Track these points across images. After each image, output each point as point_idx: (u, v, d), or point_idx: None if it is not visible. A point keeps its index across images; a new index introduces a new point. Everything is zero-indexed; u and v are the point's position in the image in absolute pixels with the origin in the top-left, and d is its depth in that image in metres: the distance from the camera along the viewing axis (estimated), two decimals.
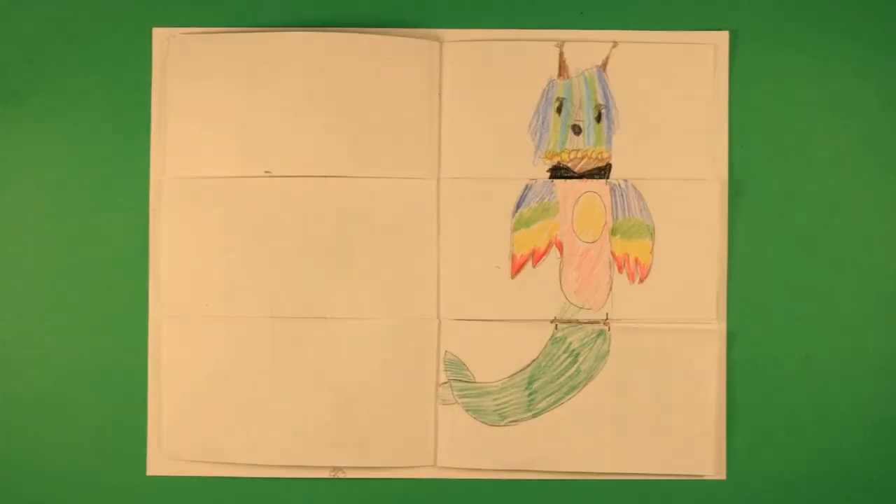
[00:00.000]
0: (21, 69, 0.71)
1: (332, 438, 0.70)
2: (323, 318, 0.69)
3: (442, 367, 0.70)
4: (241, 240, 0.69)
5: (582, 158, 0.71)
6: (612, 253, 0.70)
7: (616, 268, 0.70)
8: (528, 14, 0.71)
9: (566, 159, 0.71)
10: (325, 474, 0.71)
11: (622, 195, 0.70)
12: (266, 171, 0.69)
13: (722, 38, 0.71)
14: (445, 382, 0.70)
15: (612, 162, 0.71)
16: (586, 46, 0.70)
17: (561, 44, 0.69)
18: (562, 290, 0.70)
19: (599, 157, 0.70)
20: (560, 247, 0.70)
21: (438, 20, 0.71)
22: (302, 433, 0.70)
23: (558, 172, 0.71)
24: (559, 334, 0.70)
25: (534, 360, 0.70)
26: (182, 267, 0.70)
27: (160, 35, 0.71)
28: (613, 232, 0.70)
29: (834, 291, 0.71)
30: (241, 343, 0.70)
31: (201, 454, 0.70)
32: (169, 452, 0.70)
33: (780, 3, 0.72)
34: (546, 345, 0.70)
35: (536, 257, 0.70)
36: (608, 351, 0.70)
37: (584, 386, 0.70)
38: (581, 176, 0.71)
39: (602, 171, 0.71)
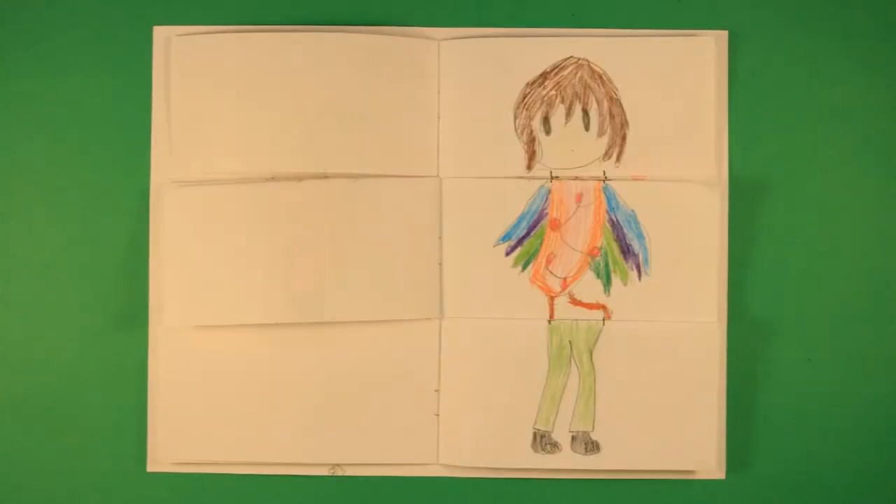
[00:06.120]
0: (20, 69, 0.71)
1: (334, 438, 0.70)
2: (325, 319, 0.69)
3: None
4: (241, 241, 0.69)
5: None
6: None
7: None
8: (524, 14, 0.71)
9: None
10: (325, 472, 0.71)
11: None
12: (272, 177, 0.69)
13: (722, 38, 0.71)
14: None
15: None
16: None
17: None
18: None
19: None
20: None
21: (436, 19, 0.71)
22: (303, 433, 0.69)
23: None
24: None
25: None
26: (182, 269, 0.69)
27: (161, 33, 0.71)
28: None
29: (835, 292, 0.71)
30: (242, 344, 0.70)
31: (202, 452, 0.70)
32: (169, 450, 0.70)
33: (780, 2, 0.72)
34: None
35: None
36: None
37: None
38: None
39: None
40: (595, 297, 0.70)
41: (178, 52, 0.70)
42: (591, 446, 0.70)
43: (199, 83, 0.70)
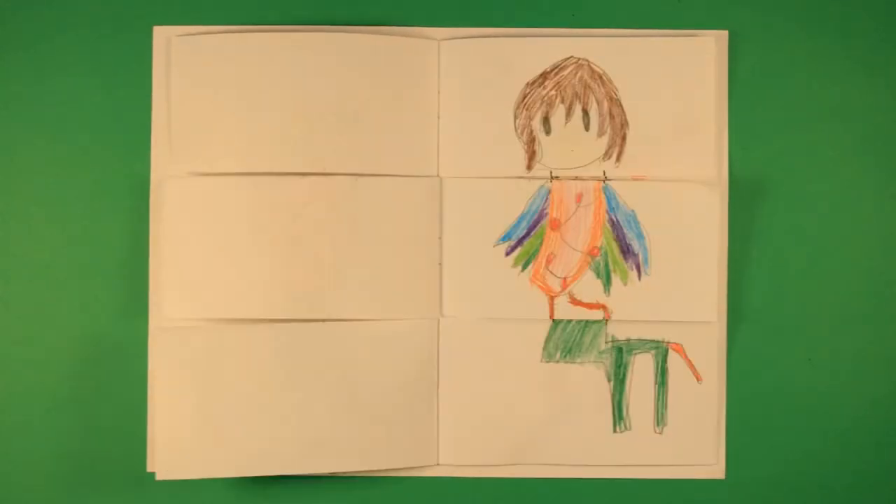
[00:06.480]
0: (20, 69, 0.71)
1: (334, 437, 0.69)
2: (324, 319, 0.69)
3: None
4: (242, 240, 0.69)
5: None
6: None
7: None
8: (524, 14, 0.71)
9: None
10: (325, 472, 0.70)
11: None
12: (268, 172, 0.69)
13: (722, 38, 0.71)
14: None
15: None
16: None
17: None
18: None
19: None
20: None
21: (436, 19, 0.71)
22: (303, 432, 0.69)
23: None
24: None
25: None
26: (182, 269, 0.69)
27: (161, 33, 0.71)
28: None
29: (835, 292, 0.71)
30: (242, 345, 0.69)
31: (201, 452, 0.70)
32: (169, 451, 0.70)
33: (780, 2, 0.72)
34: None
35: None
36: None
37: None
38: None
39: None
40: (595, 297, 0.70)
41: (178, 52, 0.70)
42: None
43: (199, 83, 0.70)
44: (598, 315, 0.70)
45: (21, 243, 0.71)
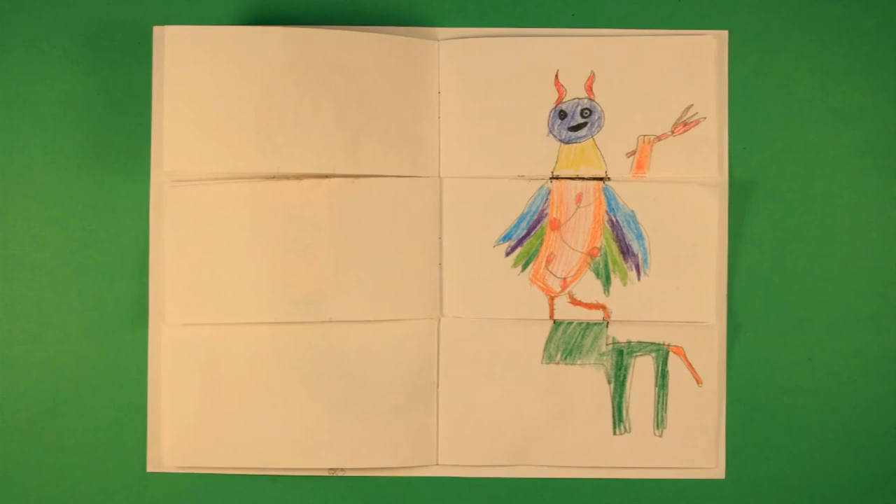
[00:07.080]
0: (20, 69, 0.71)
1: (334, 437, 0.69)
2: (324, 319, 0.69)
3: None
4: (241, 241, 0.69)
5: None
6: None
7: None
8: (524, 14, 0.71)
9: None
10: (324, 472, 0.71)
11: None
12: (272, 177, 0.69)
13: (722, 37, 0.71)
14: None
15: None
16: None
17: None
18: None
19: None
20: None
21: (436, 19, 0.71)
22: (303, 432, 0.69)
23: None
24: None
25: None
26: (183, 268, 0.69)
27: (161, 33, 0.71)
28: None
29: (835, 292, 0.71)
30: (242, 345, 0.69)
31: (201, 452, 0.70)
32: (169, 450, 0.70)
33: (780, 2, 0.72)
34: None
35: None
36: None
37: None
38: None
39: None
40: (595, 298, 0.70)
41: (177, 51, 0.70)
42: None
43: (199, 83, 0.70)
44: (597, 315, 0.70)
45: (21, 243, 0.71)
